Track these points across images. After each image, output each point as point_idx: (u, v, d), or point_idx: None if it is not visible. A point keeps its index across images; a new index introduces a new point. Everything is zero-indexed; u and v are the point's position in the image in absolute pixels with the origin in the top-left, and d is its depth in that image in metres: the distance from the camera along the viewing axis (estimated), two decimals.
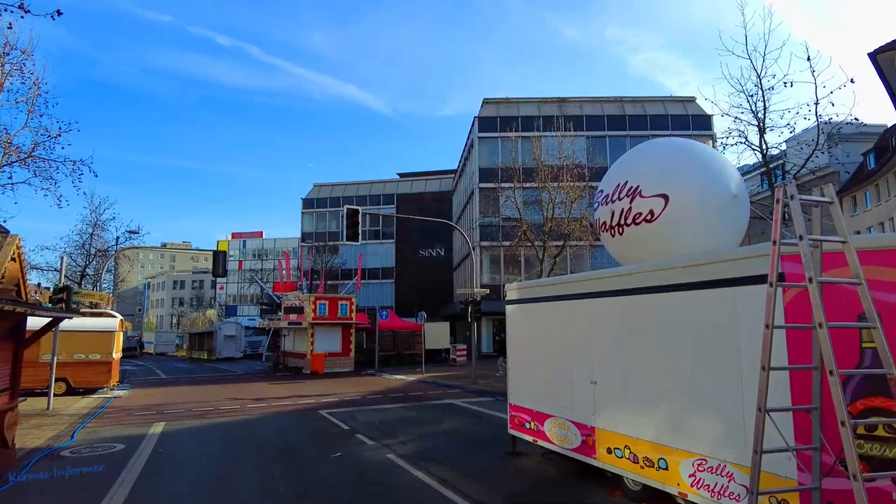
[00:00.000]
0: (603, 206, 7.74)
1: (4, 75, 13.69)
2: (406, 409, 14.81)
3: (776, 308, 3.94)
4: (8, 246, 7.59)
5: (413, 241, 54.94)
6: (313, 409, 15.02)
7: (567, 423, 7.82)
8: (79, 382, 18.82)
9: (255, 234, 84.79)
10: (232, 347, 48.06)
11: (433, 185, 57.03)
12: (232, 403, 16.71)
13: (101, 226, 29.22)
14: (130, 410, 15.40)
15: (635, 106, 41.98)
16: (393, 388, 20.78)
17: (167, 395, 19.92)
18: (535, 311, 8.69)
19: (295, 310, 30.13)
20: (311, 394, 19.02)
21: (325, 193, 60.26)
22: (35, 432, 11.71)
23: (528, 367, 8.92)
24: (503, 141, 39.22)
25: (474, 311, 20.91)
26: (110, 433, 11.82)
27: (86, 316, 20.26)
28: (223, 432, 11.95)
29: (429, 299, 47.66)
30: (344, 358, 29.25)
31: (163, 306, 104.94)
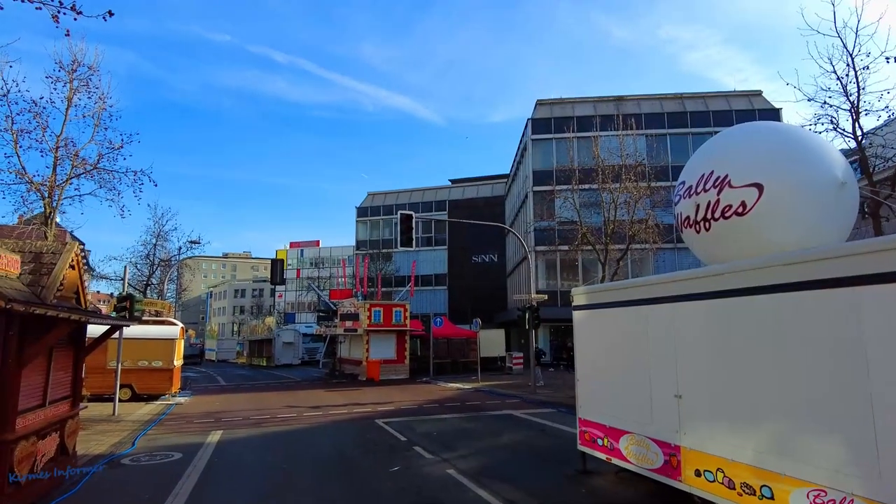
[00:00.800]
0: (685, 199, 6.95)
1: (73, 91, 14.16)
2: (464, 420, 14.22)
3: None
4: (67, 253, 7.53)
5: (466, 247, 54.44)
6: (369, 419, 14.66)
7: (646, 440, 7.03)
8: (143, 389, 19.25)
9: (312, 243, 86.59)
10: (290, 354, 48.88)
11: (485, 191, 56.44)
12: (288, 411, 16.60)
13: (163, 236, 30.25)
14: (190, 418, 15.51)
15: (696, 102, 40.07)
16: (449, 396, 20.25)
17: (226, 402, 20.12)
18: (608, 317, 7.94)
19: (350, 317, 30.16)
20: (366, 402, 18.74)
21: (378, 202, 60.74)
22: (99, 438, 11.86)
23: (599, 378, 8.17)
24: (558, 142, 38.29)
25: (532, 318, 20.13)
26: (169, 441, 11.80)
27: (148, 324, 20.82)
28: (279, 442, 11.72)
29: (482, 306, 46.93)
30: (399, 365, 28.99)
31: (224, 314, 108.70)
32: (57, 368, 7.83)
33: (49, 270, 7.23)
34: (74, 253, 7.75)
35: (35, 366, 7.09)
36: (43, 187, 13.29)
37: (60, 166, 13.66)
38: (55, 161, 13.51)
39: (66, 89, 13.78)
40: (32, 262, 7.30)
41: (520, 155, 43.30)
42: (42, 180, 13.24)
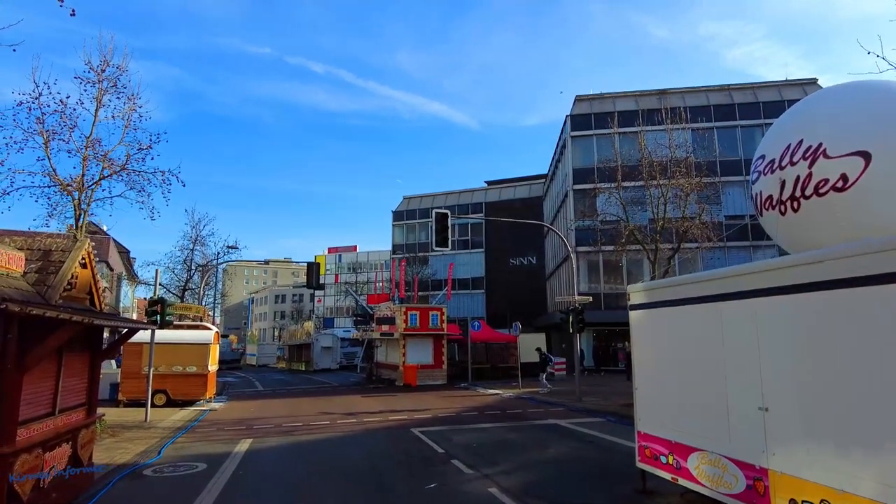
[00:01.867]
0: (766, 175, 5.90)
1: (102, 92, 13.95)
2: (506, 430, 13.28)
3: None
4: (77, 250, 7.02)
5: (503, 249, 53.35)
6: (405, 427, 13.88)
7: (723, 460, 5.99)
8: (177, 394, 19.01)
9: (350, 248, 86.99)
10: (328, 359, 48.77)
11: (522, 192, 55.26)
12: (322, 418, 15.99)
13: (201, 241, 30.36)
14: (222, 425, 15.06)
15: (745, 93, 38.07)
16: (489, 404, 19.31)
17: (260, 408, 19.71)
18: (673, 316, 6.92)
19: (387, 320, 29.56)
20: (403, 408, 17.99)
21: (414, 205, 60.31)
22: (127, 446, 11.44)
23: (663, 387, 7.14)
24: (598, 139, 36.98)
25: (576, 321, 19.02)
26: (196, 450, 11.29)
27: (182, 328, 20.65)
28: (309, 453, 11.05)
29: (521, 310, 45.73)
30: (436, 370, 28.18)
31: (266, 320, 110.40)
32: (69, 374, 7.32)
33: (57, 269, 6.71)
34: (85, 250, 7.24)
35: (42, 371, 6.56)
36: (72, 188, 13.05)
37: (89, 168, 13.44)
38: (84, 162, 13.29)
39: (95, 90, 13.59)
40: (40, 261, 6.81)
41: (558, 153, 42.06)
42: (71, 181, 13.01)
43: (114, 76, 13.82)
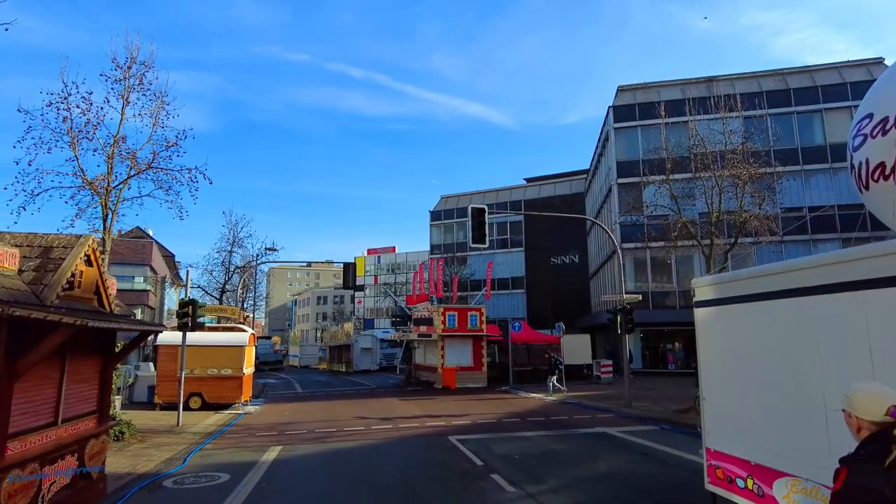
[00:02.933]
0: (876, 137, 4.76)
1: (129, 89, 13.67)
2: (551, 440, 12.26)
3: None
4: (79, 247, 6.47)
5: (544, 248, 51.93)
6: (442, 434, 13.05)
7: (822, 490, 4.89)
8: (212, 397, 18.72)
9: (388, 249, 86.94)
10: (368, 360, 48.50)
11: (563, 188, 53.71)
12: (357, 424, 15.32)
13: (238, 242, 30.33)
14: (254, 430, 14.56)
15: (801, 77, 35.64)
16: (531, 409, 18.28)
17: (296, 411, 19.25)
18: (752, 313, 5.82)
19: (424, 321, 28.84)
20: (441, 413, 17.17)
21: (451, 204, 59.54)
22: (153, 453, 11.00)
23: (740, 397, 6.04)
24: (643, 130, 35.32)
25: (625, 321, 17.79)
26: (222, 459, 10.74)
27: (217, 330, 20.41)
28: (339, 464, 10.33)
29: (563, 310, 44.30)
30: (476, 373, 27.27)
31: (308, 321, 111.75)
32: (76, 380, 6.78)
33: (57, 266, 6.16)
34: (89, 247, 6.68)
35: (40, 378, 6.02)
36: (100, 187, 12.76)
37: (115, 167, 13.15)
38: (111, 161, 13.01)
39: (121, 87, 13.31)
40: (39, 258, 6.28)
41: (601, 146, 40.50)
42: (98, 179, 12.71)
43: (140, 73, 13.49)
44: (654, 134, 35.12)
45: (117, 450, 11.17)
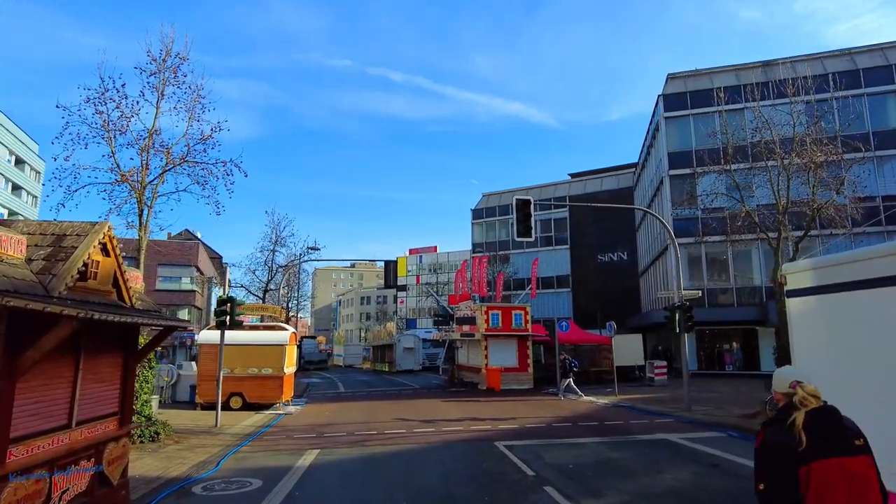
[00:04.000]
0: None
1: (164, 82, 13.43)
2: (607, 447, 11.23)
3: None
4: (93, 235, 5.97)
5: (590, 245, 50.30)
6: (488, 439, 12.20)
7: None
8: (253, 397, 18.44)
9: (430, 248, 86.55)
10: (411, 360, 48.05)
11: (610, 183, 51.87)
12: (398, 426, 14.65)
13: (281, 241, 30.28)
14: (292, 432, 14.08)
15: (872, 56, 33.03)
16: (583, 413, 17.21)
17: (337, 411, 18.77)
18: (866, 302, 4.75)
19: (467, 320, 28.05)
20: (486, 416, 16.32)
21: (493, 202, 58.57)
22: (187, 456, 10.58)
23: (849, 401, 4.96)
24: (695, 118, 33.56)
25: (684, 319, 16.51)
26: (257, 462, 10.21)
27: (258, 329, 20.16)
28: (378, 470, 9.64)
29: (611, 309, 42.66)
30: (522, 374, 26.25)
31: (352, 321, 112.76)
32: (93, 379, 6.29)
33: (68, 255, 5.66)
34: (105, 234, 6.17)
35: (49, 377, 5.52)
36: (135, 180, 12.54)
37: (151, 161, 12.93)
38: (147, 155, 12.79)
39: (155, 80, 13.08)
40: (51, 246, 5.80)
41: (650, 137, 38.75)
42: (131, 172, 12.49)
43: (174, 65, 13.22)
44: (708, 122, 33.29)
45: (151, 451, 10.83)
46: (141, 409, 11.66)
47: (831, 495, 2.50)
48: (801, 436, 2.56)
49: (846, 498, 2.51)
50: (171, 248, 42.39)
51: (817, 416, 2.65)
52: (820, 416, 2.65)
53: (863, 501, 2.54)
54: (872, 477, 2.59)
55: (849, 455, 2.57)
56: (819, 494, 2.51)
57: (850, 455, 2.58)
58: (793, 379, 2.81)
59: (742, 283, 32.25)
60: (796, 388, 2.75)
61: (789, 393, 2.77)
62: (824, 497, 2.51)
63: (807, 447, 2.55)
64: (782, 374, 2.92)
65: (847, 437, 2.64)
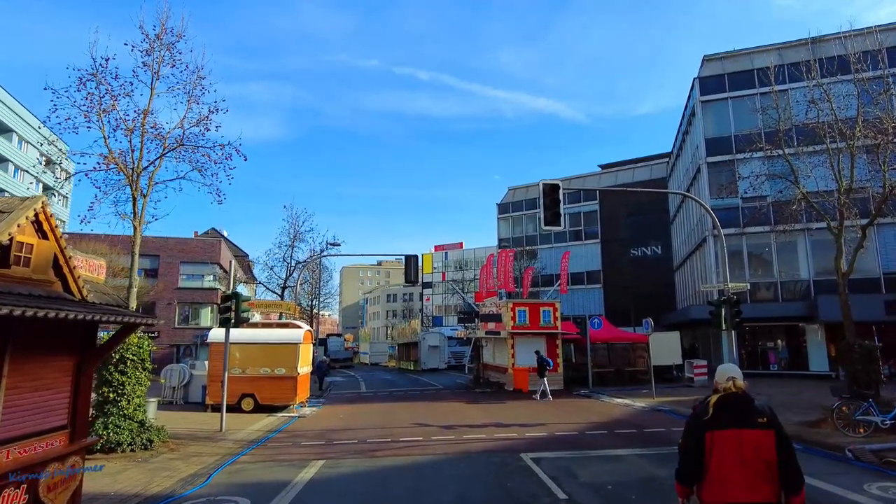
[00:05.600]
0: None
1: (160, 62, 12.45)
2: (650, 461, 9.79)
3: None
4: (21, 211, 4.89)
5: (622, 239, 48.28)
6: (513, 450, 10.87)
7: None
8: (265, 399, 17.47)
9: (456, 245, 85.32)
10: (436, 358, 46.92)
11: (642, 174, 49.72)
12: (415, 433, 13.42)
13: (300, 237, 29.35)
14: (300, 438, 12.99)
15: None
16: (618, 418, 15.73)
17: (352, 415, 17.67)
18: None
19: (492, 318, 26.69)
20: (511, 422, 14.97)
21: (519, 196, 56.95)
22: (178, 467, 9.54)
23: None
24: (734, 101, 31.45)
25: (731, 314, 14.88)
26: (251, 476, 9.09)
27: (271, 327, 19.21)
28: (385, 487, 8.41)
29: (644, 306, 40.74)
30: (551, 374, 24.72)
31: (379, 319, 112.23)
32: (30, 387, 5.21)
33: None
34: (39, 212, 5.07)
35: None
36: (129, 167, 11.55)
37: (146, 147, 11.93)
38: (141, 139, 11.81)
39: (150, 59, 12.08)
40: None
41: (685, 124, 36.69)
42: (119, 153, 11.50)
43: (169, 42, 12.20)
44: (748, 105, 31.19)
45: (140, 462, 9.83)
46: (133, 414, 10.69)
47: (724, 456, 3.28)
48: (709, 409, 3.36)
49: (737, 461, 3.25)
50: (194, 245, 42.08)
51: (729, 399, 3.37)
52: (731, 400, 3.37)
53: (750, 464, 3.24)
54: (765, 447, 3.24)
55: (747, 428, 3.27)
56: (716, 454, 3.30)
57: (748, 428, 3.27)
58: (729, 374, 3.47)
59: (787, 277, 30.09)
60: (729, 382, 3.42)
61: (717, 385, 3.48)
62: (720, 457, 3.29)
63: (712, 418, 3.34)
64: (724, 369, 3.53)
65: (750, 415, 3.32)
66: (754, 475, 3.25)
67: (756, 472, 3.24)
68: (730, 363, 3.87)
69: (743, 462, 3.24)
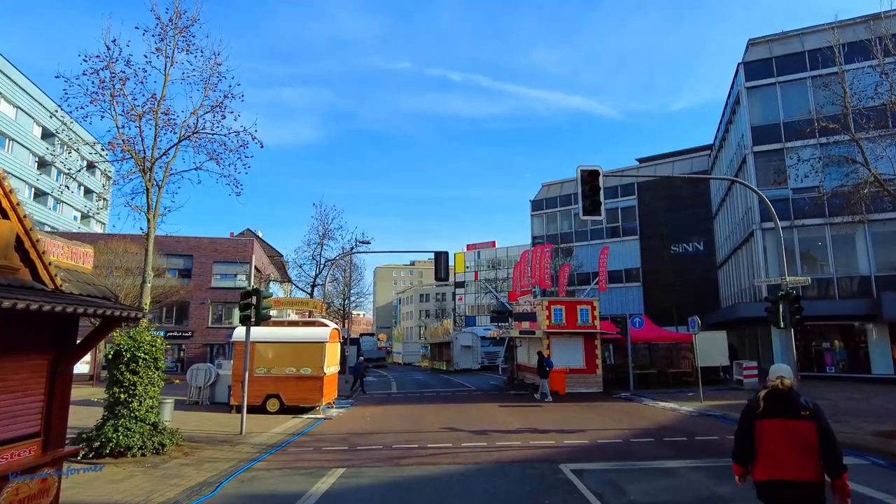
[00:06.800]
0: None
1: (174, 47, 11.90)
2: (707, 476, 8.63)
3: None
4: None
5: (662, 235, 46.35)
6: (551, 461, 9.85)
7: None
8: (291, 400, 16.85)
9: (488, 244, 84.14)
10: (469, 358, 45.96)
11: (682, 167, 47.65)
12: (444, 438, 12.54)
13: (329, 234, 28.86)
14: (323, 442, 12.26)
15: None
16: (665, 423, 14.50)
17: (381, 417, 16.90)
18: None
19: (526, 316, 25.61)
20: (548, 427, 13.93)
21: (554, 192, 55.46)
22: (187, 474, 8.89)
23: None
24: (784, 87, 29.53)
25: (790, 311, 13.50)
26: (263, 486, 8.36)
27: (297, 325, 18.62)
28: (406, 501, 7.55)
29: (686, 304, 38.92)
30: (589, 376, 23.53)
31: (412, 318, 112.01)
32: None
33: None
34: None
35: None
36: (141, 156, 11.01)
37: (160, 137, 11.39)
38: (156, 127, 11.28)
39: (162, 44, 11.54)
40: None
41: (729, 113, 34.79)
42: (126, 139, 10.94)
43: (183, 25, 11.64)
44: (798, 90, 29.27)
45: (149, 468, 9.22)
46: (145, 416, 10.11)
47: (771, 442, 3.98)
48: (760, 402, 4.10)
49: (783, 449, 3.92)
50: (226, 245, 42.18)
51: (776, 394, 4.08)
52: (778, 394, 4.08)
53: (794, 449, 3.89)
54: (808, 437, 3.87)
55: (792, 419, 3.95)
56: (765, 440, 4.02)
57: (793, 419, 3.94)
58: (779, 373, 4.17)
59: (844, 273, 28.04)
60: (777, 380, 4.13)
61: (772, 380, 4.16)
62: (767, 442, 4.01)
63: (763, 410, 4.06)
64: (774, 368, 4.26)
65: (794, 408, 3.98)
66: (798, 458, 3.84)
67: (799, 456, 3.84)
68: (781, 363, 4.43)
69: (788, 447, 3.87)
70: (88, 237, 35.19)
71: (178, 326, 39.18)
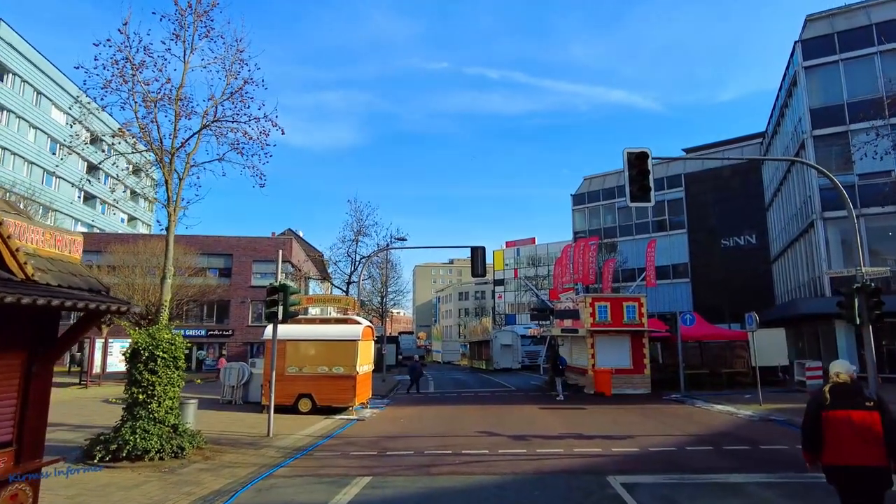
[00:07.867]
0: None
1: (194, 31, 11.45)
2: (780, 494, 7.50)
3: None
4: None
5: (711, 228, 44.12)
6: (597, 471, 8.87)
7: None
8: (323, 400, 16.31)
9: (528, 240, 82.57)
10: (509, 358, 44.91)
11: (732, 156, 45.26)
12: (480, 444, 11.69)
13: (363, 231, 28.39)
14: (351, 446, 11.58)
15: None
16: (723, 430, 13.25)
17: (415, 418, 16.18)
18: None
19: (568, 314, 24.47)
20: (594, 433, 12.89)
21: (596, 186, 53.72)
22: (203, 481, 8.33)
23: None
24: (847, 64, 27.36)
25: (868, 306, 12.03)
26: (282, 496, 7.69)
27: (329, 323, 18.09)
28: None
29: (738, 300, 36.86)
30: (636, 376, 22.21)
31: (451, 317, 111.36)
32: None
33: None
34: None
35: None
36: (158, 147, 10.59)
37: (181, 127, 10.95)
38: (176, 116, 10.84)
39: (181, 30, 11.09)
40: None
41: (784, 96, 32.58)
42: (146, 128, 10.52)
43: (203, 10, 11.15)
44: (864, 67, 27.06)
45: (165, 473, 8.72)
46: (164, 418, 9.65)
47: (837, 430, 4.33)
48: (826, 395, 4.48)
49: (850, 437, 4.27)
50: (265, 244, 42.47)
51: (840, 387, 4.51)
52: (842, 387, 4.50)
53: (859, 436, 4.25)
54: (873, 426, 4.24)
55: (857, 409, 4.33)
56: (832, 432, 4.37)
57: (858, 409, 4.33)
58: (836, 370, 4.63)
59: None
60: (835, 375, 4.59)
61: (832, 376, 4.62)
62: (833, 431, 4.36)
63: (830, 402, 4.43)
64: (832, 364, 4.77)
65: (859, 399, 4.39)
66: (863, 444, 4.25)
67: (865, 442, 4.24)
68: (841, 360, 4.87)
69: (854, 435, 4.29)
70: (130, 237, 35.89)
71: (218, 325, 39.63)
